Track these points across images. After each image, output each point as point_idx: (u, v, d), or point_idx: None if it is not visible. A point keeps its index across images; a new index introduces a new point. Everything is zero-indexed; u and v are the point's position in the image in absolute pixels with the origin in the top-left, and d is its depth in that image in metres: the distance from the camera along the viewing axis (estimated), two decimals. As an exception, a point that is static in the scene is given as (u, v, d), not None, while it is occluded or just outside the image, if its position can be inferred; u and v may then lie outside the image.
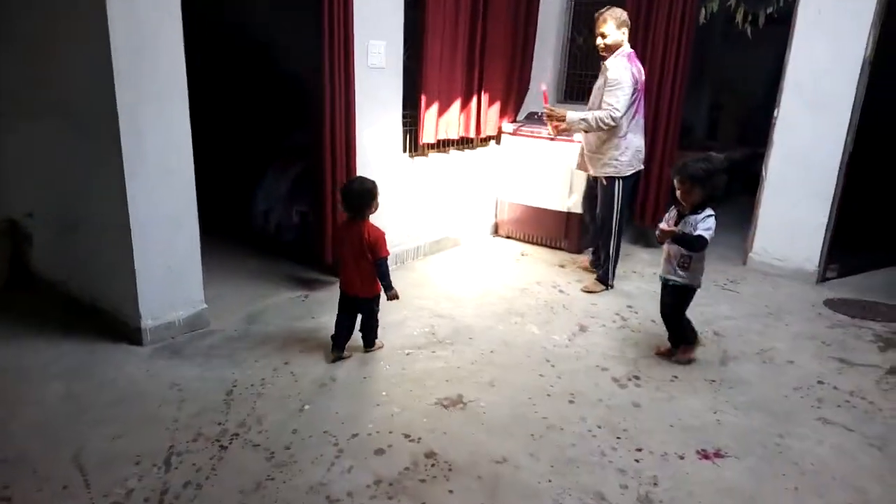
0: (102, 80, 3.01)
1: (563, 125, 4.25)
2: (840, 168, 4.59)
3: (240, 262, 4.61)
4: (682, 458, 2.66)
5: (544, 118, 4.41)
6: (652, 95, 5.02)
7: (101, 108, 3.10)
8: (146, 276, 3.33)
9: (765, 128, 4.92)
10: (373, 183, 3.23)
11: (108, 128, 3.09)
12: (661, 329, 3.86)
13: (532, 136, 5.17)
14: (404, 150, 4.66)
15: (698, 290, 3.38)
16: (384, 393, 3.04)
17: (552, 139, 5.03)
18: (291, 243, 4.67)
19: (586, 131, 4.20)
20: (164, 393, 2.95)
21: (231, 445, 2.60)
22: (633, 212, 5.29)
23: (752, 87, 7.42)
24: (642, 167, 4.37)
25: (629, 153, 4.16)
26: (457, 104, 4.82)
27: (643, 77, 4.15)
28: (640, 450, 2.70)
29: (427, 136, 4.68)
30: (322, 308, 3.92)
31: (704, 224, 3.17)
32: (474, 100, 4.95)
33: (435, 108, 4.63)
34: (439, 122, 4.71)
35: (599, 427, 2.83)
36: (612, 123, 3.98)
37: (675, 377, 3.32)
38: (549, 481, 2.47)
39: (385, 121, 4.42)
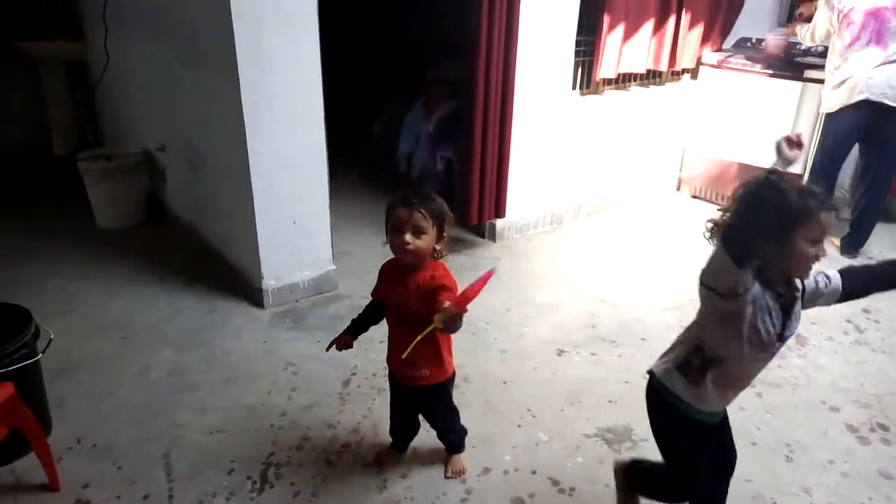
0: None
1: None
2: None
3: (377, 212, 4.09)
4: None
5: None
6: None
7: (216, 33, 2.63)
8: (269, 233, 2.92)
9: None
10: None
11: (225, 60, 2.61)
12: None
13: (743, 70, 4.01)
14: (574, 87, 3.79)
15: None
16: (528, 409, 2.40)
17: (771, 75, 3.87)
18: (434, 193, 4.07)
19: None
20: (277, 375, 2.55)
21: (339, 461, 2.13)
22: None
23: None
24: (862, 97, 3.38)
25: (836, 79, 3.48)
26: (648, 26, 3.79)
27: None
28: (899, 560, 1.83)
29: (606, 69, 3.74)
30: (461, 276, 3.30)
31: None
32: (671, 20, 3.87)
33: (620, 31, 3.65)
34: (623, 51, 3.74)
35: (833, 510, 1.99)
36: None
37: (946, 435, 2.32)
38: None
39: (553, 49, 3.56)
